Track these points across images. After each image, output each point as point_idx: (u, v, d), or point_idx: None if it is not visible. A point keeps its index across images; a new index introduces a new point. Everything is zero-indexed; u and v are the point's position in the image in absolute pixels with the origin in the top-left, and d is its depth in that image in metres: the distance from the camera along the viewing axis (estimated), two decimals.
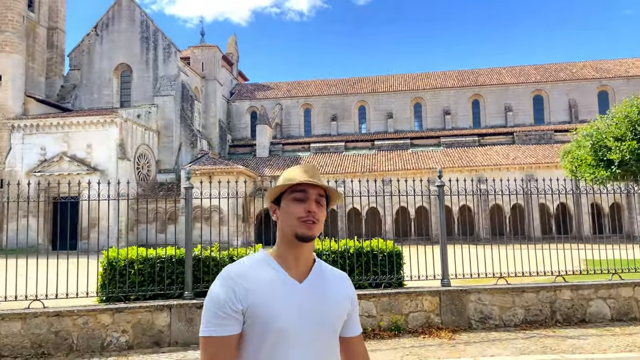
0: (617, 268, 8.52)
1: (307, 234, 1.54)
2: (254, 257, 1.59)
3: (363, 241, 8.28)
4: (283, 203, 1.59)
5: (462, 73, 50.47)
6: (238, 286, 1.47)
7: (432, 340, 7.12)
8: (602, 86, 45.78)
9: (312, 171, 1.61)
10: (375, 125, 48.03)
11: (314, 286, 1.57)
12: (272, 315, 1.46)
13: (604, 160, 17.43)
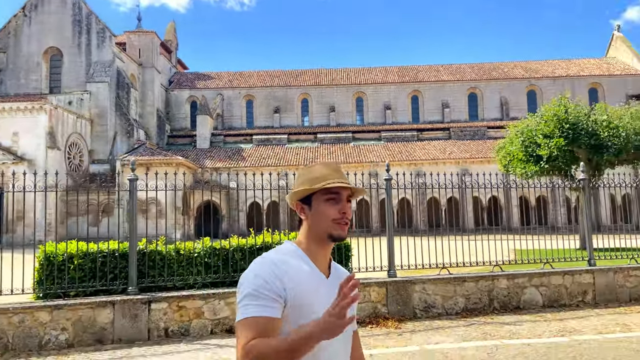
0: (547, 258, 9.11)
1: (342, 235, 1.58)
2: (287, 248, 1.60)
3: None
4: (315, 203, 1.59)
5: (403, 69, 51.71)
6: (281, 271, 1.47)
7: (380, 329, 7.31)
8: (531, 85, 48.45)
9: (340, 171, 1.63)
10: (318, 118, 48.29)
11: (335, 280, 1.57)
12: (310, 305, 1.48)
13: (534, 156, 18.48)
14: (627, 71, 48.59)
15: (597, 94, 46.97)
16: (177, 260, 7.75)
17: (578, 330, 6.96)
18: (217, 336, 7.10)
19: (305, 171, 1.65)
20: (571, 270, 8.81)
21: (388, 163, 8.43)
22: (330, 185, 1.56)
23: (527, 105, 46.89)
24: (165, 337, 7.04)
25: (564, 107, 18.07)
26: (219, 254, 7.89)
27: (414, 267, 8.55)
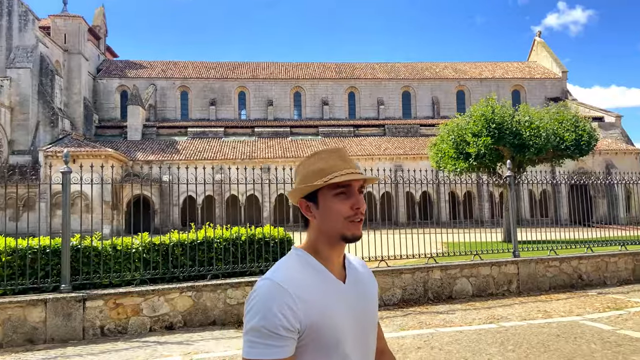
0: (476, 250, 9.67)
1: (358, 234, 1.33)
2: (296, 259, 1.34)
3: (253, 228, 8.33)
4: (322, 200, 1.33)
5: (340, 66, 52.36)
6: (294, 300, 1.21)
7: None
8: (460, 86, 50.69)
9: (348, 158, 1.37)
10: (256, 112, 47.89)
11: (355, 284, 1.39)
12: (332, 327, 1.25)
13: (464, 153, 19.44)
14: (546, 75, 52.05)
15: (520, 96, 50.00)
16: (114, 256, 7.50)
17: (505, 317, 7.48)
18: (157, 333, 6.96)
19: (307, 162, 1.38)
20: (498, 262, 9.42)
21: None
22: (339, 179, 1.30)
23: (456, 104, 49.10)
24: (101, 335, 6.81)
25: (491, 107, 19.11)
26: (158, 249, 7.72)
27: None
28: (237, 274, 7.93)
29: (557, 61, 53.35)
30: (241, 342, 4.93)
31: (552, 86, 51.47)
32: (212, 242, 7.88)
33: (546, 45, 55.85)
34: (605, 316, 7.37)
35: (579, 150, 19.59)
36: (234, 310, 7.46)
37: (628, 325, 6.71)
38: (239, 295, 7.52)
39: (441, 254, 9.86)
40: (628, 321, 6.99)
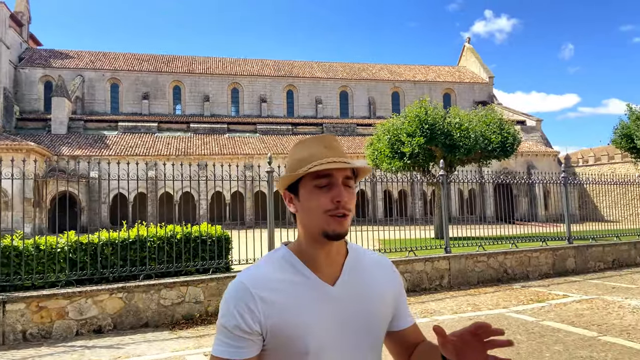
0: (411, 246, 9.96)
1: (339, 230, 1.18)
2: (274, 257, 1.25)
3: (189, 226, 8.10)
4: (302, 192, 1.21)
5: (278, 63, 52.16)
6: (255, 301, 1.14)
7: None
8: (395, 87, 52.08)
9: (334, 146, 1.23)
10: (191, 107, 46.68)
11: (350, 285, 1.24)
12: (301, 335, 1.15)
13: (399, 152, 19.96)
14: (475, 79, 54.60)
15: (450, 99, 52.16)
16: (37, 256, 7.02)
17: (437, 311, 7.76)
18: (84, 337, 6.60)
19: (293, 150, 1.27)
20: (431, 258, 9.75)
21: (271, 155, 8.53)
22: (316, 169, 1.17)
23: (391, 105, 50.40)
24: (23, 341, 6.35)
25: (424, 109, 19.76)
26: (86, 249, 7.31)
27: None
28: (171, 273, 7.68)
29: (484, 67, 56.10)
30: (175, 344, 4.80)
31: (479, 90, 54.07)
32: (145, 240, 7.58)
33: (475, 51, 58.58)
34: (529, 308, 7.83)
35: (504, 152, 20.67)
36: (168, 311, 7.22)
37: (550, 317, 7.17)
38: (174, 295, 7.29)
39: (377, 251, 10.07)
40: (550, 313, 7.46)
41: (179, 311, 7.29)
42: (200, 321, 7.30)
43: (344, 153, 1.23)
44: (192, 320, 7.28)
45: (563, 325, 6.62)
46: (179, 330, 6.90)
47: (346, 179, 1.20)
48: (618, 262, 12.50)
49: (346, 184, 1.20)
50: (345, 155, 1.23)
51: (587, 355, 5.28)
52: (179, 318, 7.26)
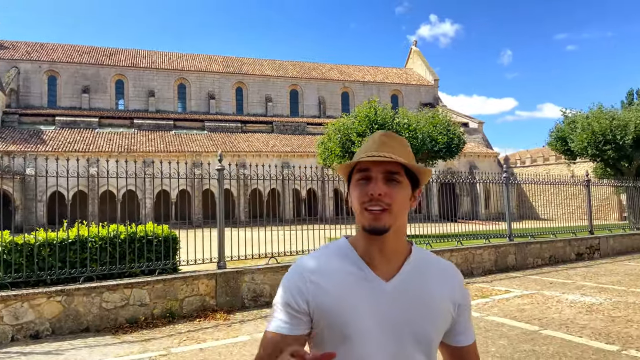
0: None
1: (373, 224, 1.18)
2: (334, 246, 1.29)
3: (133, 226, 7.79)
4: (351, 185, 1.25)
5: (227, 59, 51.35)
6: (305, 282, 1.20)
7: (208, 322, 7.21)
8: (345, 87, 52.55)
9: (384, 141, 1.23)
10: (135, 102, 45.08)
11: (405, 286, 1.23)
12: (344, 321, 1.18)
13: (349, 152, 20.13)
14: (421, 82, 56.00)
15: (398, 100, 53.21)
16: None
17: None
18: (20, 343, 6.19)
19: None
20: None
21: (221, 153, 8.32)
22: (350, 162, 1.23)
23: (341, 105, 50.80)
24: None
25: (374, 109, 20.05)
26: (21, 249, 6.86)
27: (243, 258, 8.63)
28: (114, 275, 7.35)
29: (430, 70, 57.66)
30: (119, 349, 4.57)
31: (425, 92, 55.52)
32: (86, 241, 7.20)
33: (421, 55, 60.10)
34: (474, 304, 8.07)
35: (450, 152, 21.31)
36: (111, 315, 6.90)
37: (494, 312, 7.42)
38: (117, 298, 6.98)
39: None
40: (493, 308, 7.73)
41: (122, 314, 6.98)
42: (145, 325, 7.02)
43: (395, 148, 1.21)
44: (136, 324, 6.99)
45: (507, 320, 6.86)
46: (123, 334, 6.61)
47: (390, 174, 1.19)
48: (554, 258, 13.16)
49: (391, 178, 1.19)
50: (395, 150, 1.20)
51: (530, 348, 5.50)
52: (123, 322, 6.96)
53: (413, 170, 1.23)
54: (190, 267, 8.16)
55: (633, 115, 20.63)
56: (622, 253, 14.86)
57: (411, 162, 1.21)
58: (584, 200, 16.03)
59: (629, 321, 6.58)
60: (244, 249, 8.94)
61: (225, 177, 8.25)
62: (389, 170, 1.19)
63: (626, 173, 21.99)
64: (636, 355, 5.12)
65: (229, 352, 5.75)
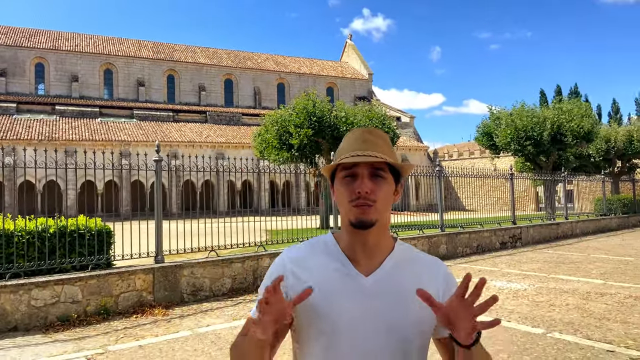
0: (302, 237, 10.11)
1: (361, 218, 1.20)
2: (318, 240, 1.32)
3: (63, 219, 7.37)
4: (335, 183, 1.27)
5: (158, 45, 49.44)
6: (287, 273, 1.23)
7: (146, 318, 6.99)
8: (281, 78, 52.32)
9: (365, 139, 1.24)
10: (57, 87, 42.34)
11: (386, 281, 1.23)
12: (321, 315, 1.19)
13: (287, 144, 20.12)
14: (356, 75, 56.89)
15: (333, 92, 53.77)
16: None
17: None
18: None
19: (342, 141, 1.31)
20: None
21: (158, 144, 8.03)
22: (336, 163, 1.24)
23: (277, 96, 50.54)
24: None
25: (312, 102, 20.14)
26: None
27: (182, 252, 8.41)
28: (43, 271, 6.92)
29: (364, 64, 58.71)
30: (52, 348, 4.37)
31: (360, 86, 56.51)
32: (12, 235, 6.72)
33: (356, 48, 61.02)
34: None
35: None
36: (41, 313, 6.51)
37: None
38: (47, 295, 6.58)
39: (265, 242, 10.03)
40: None
41: (53, 312, 6.60)
42: (78, 322, 6.68)
43: (378, 145, 1.23)
44: (69, 322, 6.64)
45: None
46: (54, 333, 6.26)
47: (375, 170, 1.22)
48: (481, 247, 13.94)
49: (376, 174, 1.22)
50: (378, 146, 1.23)
51: None
52: (54, 320, 6.58)
53: (396, 166, 1.26)
54: (126, 262, 7.85)
55: (550, 113, 22.17)
56: (540, 242, 16.01)
57: (393, 158, 1.24)
58: (507, 192, 17.10)
59: (552, 305, 7.13)
60: (182, 243, 8.73)
61: (163, 168, 7.98)
62: (374, 167, 1.22)
63: (544, 167, 23.65)
64: (559, 337, 5.57)
65: (171, 348, 5.62)
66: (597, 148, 26.21)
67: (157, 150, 7.93)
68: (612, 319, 6.29)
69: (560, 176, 19.68)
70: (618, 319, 6.25)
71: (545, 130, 21.70)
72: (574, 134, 21.54)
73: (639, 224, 22.60)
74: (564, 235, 17.46)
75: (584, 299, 7.50)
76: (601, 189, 22.16)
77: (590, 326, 5.96)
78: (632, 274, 9.64)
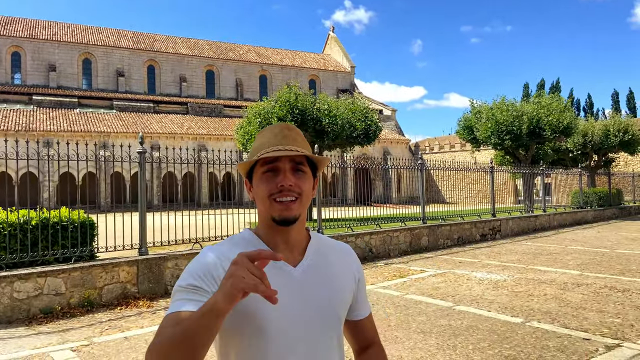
0: None
1: (285, 215, 1.20)
2: (237, 238, 1.29)
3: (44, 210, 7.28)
4: (254, 179, 1.26)
5: (138, 35, 48.66)
6: (217, 268, 1.16)
7: (131, 310, 6.98)
8: (263, 70, 52.00)
9: (284, 134, 1.26)
10: (34, 77, 41.41)
11: (312, 269, 1.27)
12: (254, 309, 1.15)
13: None
14: (338, 68, 56.86)
15: (316, 85, 53.68)
16: None
17: None
18: None
19: (255, 138, 1.31)
20: None
21: (142, 135, 7.97)
22: (257, 157, 1.22)
23: (259, 88, 50.25)
24: None
25: (295, 94, 20.10)
26: None
27: (166, 244, 8.39)
28: (26, 264, 6.85)
29: (347, 56, 58.69)
30: (36, 340, 4.39)
31: (342, 79, 56.52)
32: None
33: (338, 41, 60.93)
34: (393, 283, 8.52)
35: (368, 139, 21.99)
36: (24, 305, 6.45)
37: (412, 291, 7.90)
38: (30, 287, 6.53)
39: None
40: (411, 287, 8.22)
41: (36, 305, 6.55)
42: (62, 315, 6.65)
43: (297, 140, 1.25)
44: (52, 314, 6.60)
45: (424, 298, 7.34)
46: (38, 325, 6.22)
47: (296, 164, 1.23)
48: (462, 239, 14.18)
49: (297, 169, 1.23)
50: (297, 142, 1.25)
51: (446, 323, 5.95)
52: (37, 312, 6.54)
53: (314, 160, 1.28)
54: (109, 254, 7.81)
55: (530, 108, 22.53)
56: (519, 234, 16.35)
57: (310, 153, 1.27)
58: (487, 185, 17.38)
59: (530, 295, 7.33)
60: (166, 235, 8.71)
61: (147, 160, 7.93)
62: (296, 161, 1.23)
63: (522, 160, 24.05)
64: (538, 326, 5.74)
65: None
66: (575, 142, 26.76)
67: (140, 142, 7.87)
68: (588, 308, 6.51)
69: (539, 169, 20.08)
70: (594, 308, 6.47)
71: (525, 124, 22.06)
72: (552, 128, 21.94)
73: (614, 216, 23.22)
74: (542, 227, 17.86)
75: (562, 289, 7.72)
76: (578, 183, 22.69)
77: (567, 315, 6.16)
78: (608, 265, 9.94)
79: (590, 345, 4.99)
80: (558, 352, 4.81)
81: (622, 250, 12.07)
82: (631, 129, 26.62)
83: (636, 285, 7.92)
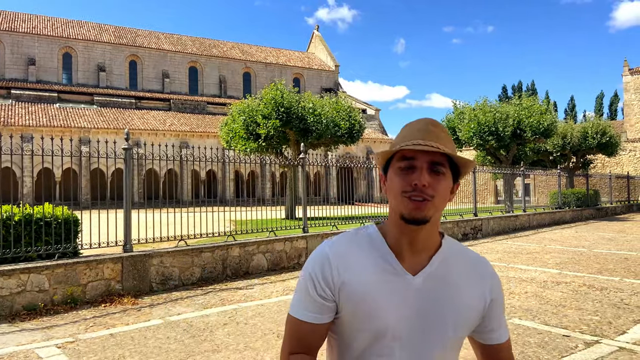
0: (270, 227, 10.19)
1: (414, 215, 1.14)
2: (362, 234, 1.25)
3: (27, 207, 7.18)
4: (389, 173, 1.20)
5: (119, 30, 48.02)
6: (332, 267, 1.18)
7: (115, 307, 6.94)
8: (247, 68, 51.78)
9: (428, 129, 1.17)
10: (13, 70, 40.59)
11: (433, 279, 1.20)
12: (368, 314, 1.16)
13: (254, 134, 20.03)
14: (322, 67, 56.93)
15: (300, 83, 53.67)
16: None
17: None
18: None
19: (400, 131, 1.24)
20: (290, 237, 10.10)
21: (128, 131, 7.91)
22: (395, 149, 1.17)
23: (242, 85, 50.03)
24: None
25: (280, 92, 20.09)
26: None
27: (151, 240, 8.35)
28: (8, 260, 6.75)
29: (331, 55, 58.80)
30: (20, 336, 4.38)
31: (326, 77, 56.62)
32: None
33: (323, 40, 61.00)
34: None
35: (351, 138, 22.10)
36: (6, 302, 6.37)
37: None
38: (13, 284, 6.44)
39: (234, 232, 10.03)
40: None
41: (19, 301, 6.47)
42: (45, 312, 6.58)
43: (440, 137, 1.16)
44: (35, 311, 6.52)
45: None
46: (21, 322, 6.14)
47: (433, 164, 1.15)
48: None
49: (435, 169, 1.15)
50: (441, 139, 1.16)
51: None
52: (20, 309, 6.45)
53: (457, 162, 1.19)
54: (94, 251, 7.74)
55: (512, 109, 22.89)
56: (500, 233, 16.63)
57: (455, 152, 1.18)
58: (468, 185, 17.63)
59: (512, 293, 7.49)
60: (150, 232, 8.66)
61: (132, 156, 7.87)
62: (434, 160, 1.15)
63: (504, 161, 24.45)
64: (519, 323, 5.88)
65: (143, 337, 5.62)
66: (554, 143, 27.27)
67: (126, 138, 7.81)
68: (567, 306, 6.68)
69: (519, 170, 20.43)
70: (573, 306, 6.64)
71: (508, 125, 22.42)
72: (533, 130, 22.33)
73: (591, 216, 23.75)
74: (521, 227, 18.19)
75: (542, 287, 7.90)
76: (557, 183, 23.15)
77: (547, 313, 6.32)
78: (586, 264, 10.20)
79: (570, 342, 5.13)
80: (539, 348, 4.95)
81: (599, 250, 12.38)
82: (609, 131, 27.25)
83: (613, 283, 8.15)
